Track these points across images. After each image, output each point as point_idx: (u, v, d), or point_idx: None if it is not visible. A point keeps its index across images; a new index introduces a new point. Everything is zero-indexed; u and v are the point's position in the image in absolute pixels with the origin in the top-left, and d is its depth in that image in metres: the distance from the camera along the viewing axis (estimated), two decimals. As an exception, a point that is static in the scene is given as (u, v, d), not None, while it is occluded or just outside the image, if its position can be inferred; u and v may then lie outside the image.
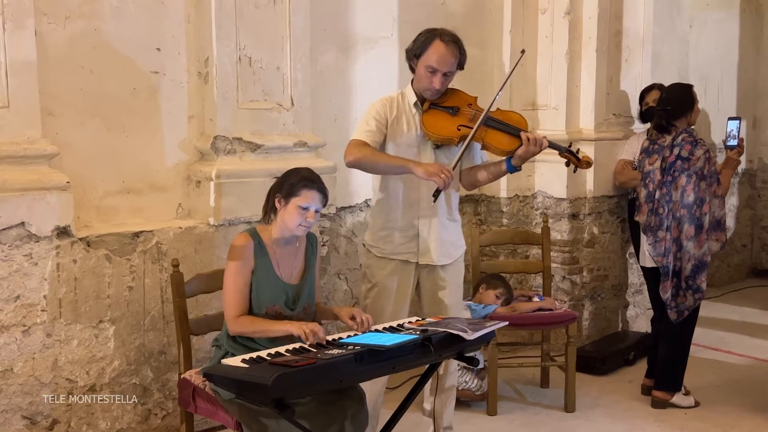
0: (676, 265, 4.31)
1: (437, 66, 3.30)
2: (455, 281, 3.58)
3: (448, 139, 3.36)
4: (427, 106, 3.40)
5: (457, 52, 3.33)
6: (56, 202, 3.34)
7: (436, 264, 3.48)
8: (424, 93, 3.39)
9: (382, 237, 3.49)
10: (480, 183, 3.58)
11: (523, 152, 3.31)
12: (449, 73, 3.34)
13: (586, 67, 5.26)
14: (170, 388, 3.76)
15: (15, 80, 3.25)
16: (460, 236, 3.60)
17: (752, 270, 7.81)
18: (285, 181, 3.06)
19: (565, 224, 5.29)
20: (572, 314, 4.41)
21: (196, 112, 3.94)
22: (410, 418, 3.66)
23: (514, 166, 3.37)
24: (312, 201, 3.00)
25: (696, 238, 4.26)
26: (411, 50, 3.40)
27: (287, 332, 2.89)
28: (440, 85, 3.33)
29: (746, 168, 7.60)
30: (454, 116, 3.37)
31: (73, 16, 3.55)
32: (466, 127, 3.33)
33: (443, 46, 3.30)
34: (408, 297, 3.51)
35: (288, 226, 3.03)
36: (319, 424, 2.76)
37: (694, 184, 4.25)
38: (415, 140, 3.41)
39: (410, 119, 3.42)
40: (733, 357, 5.30)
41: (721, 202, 4.29)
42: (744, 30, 7.35)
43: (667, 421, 4.20)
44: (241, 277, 3.01)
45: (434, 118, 3.38)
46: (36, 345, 3.36)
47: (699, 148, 4.27)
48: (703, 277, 4.31)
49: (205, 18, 3.84)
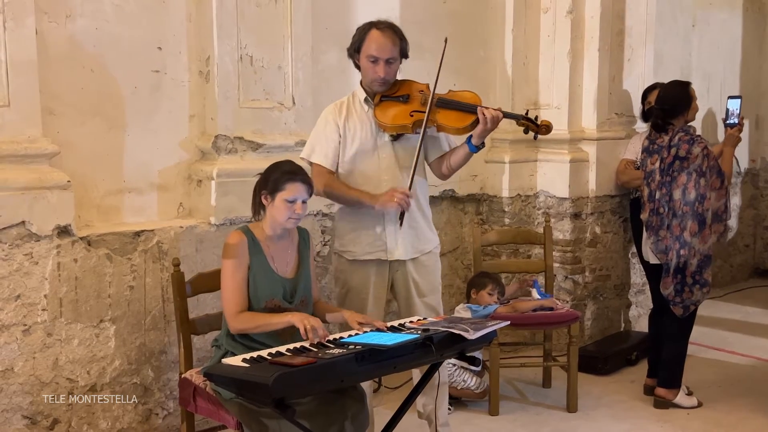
0: (679, 261, 4.31)
1: (377, 53, 3.31)
2: (429, 278, 3.53)
3: (402, 126, 3.34)
4: (378, 99, 3.39)
5: (396, 39, 3.34)
6: (57, 201, 3.33)
7: (405, 258, 3.45)
8: (372, 86, 3.39)
9: (350, 240, 3.46)
10: (449, 169, 3.51)
11: (480, 131, 3.27)
12: (392, 60, 3.33)
13: (588, 66, 5.25)
14: (171, 387, 3.76)
15: (16, 79, 3.24)
16: (430, 230, 3.56)
17: (755, 270, 7.80)
18: (268, 177, 3.05)
19: (567, 224, 5.28)
20: (574, 314, 4.40)
21: (197, 111, 3.94)
22: (411, 419, 3.66)
23: (475, 145, 3.33)
24: (297, 193, 3.00)
25: (700, 233, 4.26)
26: (350, 47, 3.42)
27: (288, 323, 2.89)
28: (384, 72, 3.33)
29: (749, 168, 7.59)
30: (406, 103, 3.36)
31: (74, 15, 3.54)
32: (418, 112, 3.32)
33: (379, 33, 3.32)
34: (383, 299, 3.49)
35: (278, 220, 3.04)
36: (319, 423, 2.75)
37: (694, 181, 4.25)
38: (371, 136, 3.40)
39: (363, 116, 3.43)
40: (736, 357, 5.29)
41: (719, 194, 4.27)
42: (747, 29, 7.33)
43: (670, 422, 4.19)
44: (238, 273, 3.01)
45: (386, 109, 3.37)
46: (36, 344, 3.36)
47: (696, 146, 4.27)
48: (709, 271, 4.32)
49: (207, 17, 3.83)
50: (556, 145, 5.25)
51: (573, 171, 5.24)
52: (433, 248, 3.56)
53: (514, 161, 5.34)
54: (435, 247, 3.58)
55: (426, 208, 3.55)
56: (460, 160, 3.44)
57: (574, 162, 5.24)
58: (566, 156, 5.24)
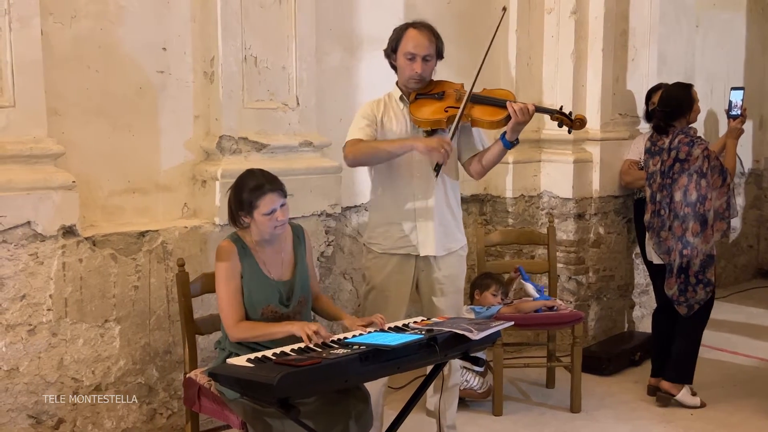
0: (682, 262, 4.32)
1: (414, 50, 3.37)
2: (454, 278, 3.55)
3: (437, 121, 3.38)
4: (413, 97, 3.45)
5: (432, 37, 3.41)
6: (62, 202, 3.34)
7: (436, 255, 3.47)
8: (409, 84, 3.44)
9: (380, 233, 3.51)
10: (484, 167, 3.53)
11: (513, 124, 3.31)
12: (428, 57, 3.39)
13: (592, 66, 5.25)
14: (175, 387, 3.77)
15: (21, 79, 3.25)
16: (458, 230, 3.59)
17: (759, 270, 7.78)
18: (239, 198, 3.02)
19: (570, 224, 5.28)
20: (578, 314, 4.40)
21: (202, 112, 3.94)
22: (415, 419, 3.66)
23: (509, 140, 3.36)
24: (272, 203, 2.99)
25: (702, 233, 4.27)
26: (387, 48, 3.49)
27: (289, 332, 2.90)
28: (421, 69, 3.38)
29: (753, 168, 7.58)
30: (441, 100, 3.42)
31: (79, 16, 3.55)
32: (453, 107, 3.37)
33: (416, 32, 3.39)
34: (406, 299, 3.52)
35: (264, 232, 3.04)
36: (323, 423, 2.76)
37: (695, 182, 4.26)
38: (406, 133, 3.44)
39: (398, 113, 3.47)
40: (739, 358, 5.29)
41: (720, 192, 4.27)
42: (751, 30, 7.32)
43: (673, 422, 4.19)
44: (232, 282, 3.01)
45: (421, 106, 3.42)
46: (41, 344, 3.37)
47: (696, 147, 4.28)
48: (712, 270, 4.34)
49: (211, 17, 3.84)
50: (560, 145, 5.25)
51: (577, 171, 5.24)
52: (460, 248, 3.59)
53: (518, 161, 5.34)
54: (461, 247, 3.60)
55: (456, 209, 3.58)
56: (494, 157, 3.47)
57: (578, 162, 5.24)
58: (570, 156, 5.24)
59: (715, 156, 4.30)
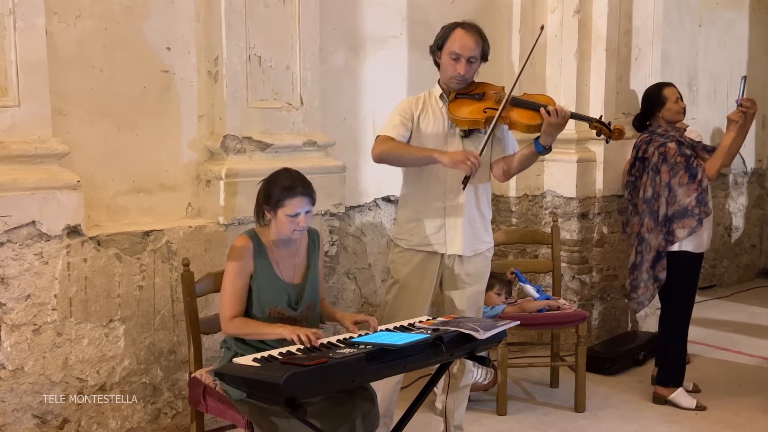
0: (637, 258, 4.42)
1: (460, 51, 3.35)
2: (478, 278, 3.55)
3: (475, 121, 3.36)
4: (453, 96, 3.43)
5: (479, 39, 3.39)
6: (67, 201, 3.34)
7: (462, 255, 3.47)
8: (450, 83, 3.42)
9: (409, 228, 3.50)
10: (513, 170, 3.51)
11: (546, 127, 3.27)
12: (473, 59, 3.37)
13: (595, 66, 5.24)
14: (180, 387, 3.77)
15: (26, 79, 3.25)
16: (486, 231, 3.58)
17: (761, 270, 7.78)
18: (269, 192, 3.02)
19: (574, 224, 5.27)
20: (582, 314, 4.40)
21: (206, 112, 3.94)
22: (421, 418, 3.66)
23: (543, 144, 3.33)
24: (298, 207, 2.99)
25: (655, 229, 4.33)
26: (433, 44, 3.47)
27: (280, 335, 2.88)
28: (464, 70, 3.36)
29: (755, 168, 7.58)
30: (481, 101, 3.40)
31: (83, 16, 3.55)
32: (492, 109, 3.35)
33: (464, 32, 3.37)
34: (429, 295, 3.51)
35: (282, 233, 3.03)
36: (330, 423, 2.76)
37: (650, 179, 4.35)
38: (443, 131, 3.43)
39: (437, 111, 3.45)
40: (743, 357, 5.29)
41: (689, 189, 4.26)
42: (754, 29, 7.32)
43: (678, 422, 4.19)
44: (239, 279, 3.01)
45: (461, 105, 3.40)
46: (46, 344, 3.37)
47: (651, 145, 4.38)
48: (660, 267, 4.34)
49: (215, 17, 3.84)
50: (564, 144, 5.24)
51: (580, 171, 5.24)
52: (486, 250, 3.59)
53: (521, 161, 5.33)
54: (488, 249, 3.60)
55: (486, 210, 3.56)
56: (524, 159, 3.44)
57: (582, 162, 5.24)
58: (573, 156, 5.23)
59: (681, 153, 4.28)
